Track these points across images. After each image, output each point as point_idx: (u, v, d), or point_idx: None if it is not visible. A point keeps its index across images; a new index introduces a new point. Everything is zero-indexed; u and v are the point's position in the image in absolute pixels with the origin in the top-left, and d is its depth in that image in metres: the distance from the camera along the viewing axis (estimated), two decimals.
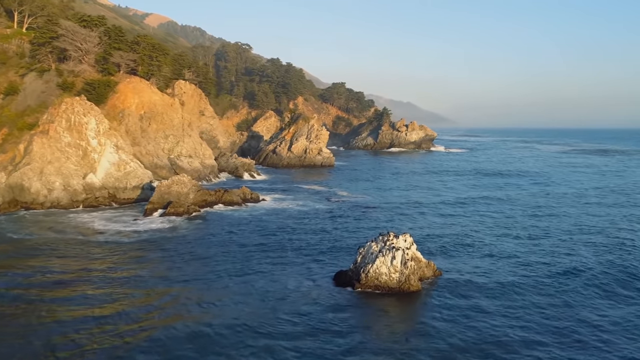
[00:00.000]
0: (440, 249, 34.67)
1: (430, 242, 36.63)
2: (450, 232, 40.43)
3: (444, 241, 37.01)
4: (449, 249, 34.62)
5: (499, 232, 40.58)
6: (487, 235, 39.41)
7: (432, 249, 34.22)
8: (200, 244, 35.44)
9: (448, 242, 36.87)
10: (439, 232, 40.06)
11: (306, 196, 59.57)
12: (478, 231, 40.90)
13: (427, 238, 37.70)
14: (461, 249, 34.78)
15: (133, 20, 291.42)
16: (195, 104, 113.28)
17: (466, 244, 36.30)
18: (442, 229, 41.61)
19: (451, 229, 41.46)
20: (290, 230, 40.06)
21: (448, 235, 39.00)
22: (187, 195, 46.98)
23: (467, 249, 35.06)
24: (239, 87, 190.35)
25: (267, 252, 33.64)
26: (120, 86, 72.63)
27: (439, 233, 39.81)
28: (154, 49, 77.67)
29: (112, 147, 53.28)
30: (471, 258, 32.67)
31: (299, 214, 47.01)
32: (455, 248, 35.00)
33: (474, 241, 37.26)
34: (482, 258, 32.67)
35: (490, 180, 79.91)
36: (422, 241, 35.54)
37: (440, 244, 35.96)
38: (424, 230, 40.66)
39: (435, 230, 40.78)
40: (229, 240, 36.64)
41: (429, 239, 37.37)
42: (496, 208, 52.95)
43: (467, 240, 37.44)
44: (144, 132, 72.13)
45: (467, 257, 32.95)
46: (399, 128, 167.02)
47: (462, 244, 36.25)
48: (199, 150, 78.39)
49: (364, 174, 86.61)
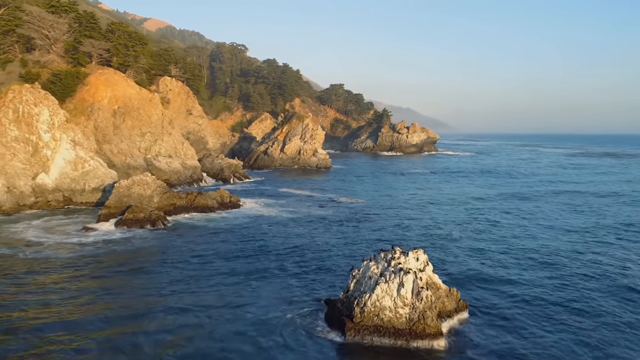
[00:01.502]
0: (460, 267, 27.02)
1: (445, 257, 29.02)
2: (470, 243, 32.82)
3: (463, 256, 29.38)
4: (471, 267, 26.97)
5: (533, 243, 32.98)
6: (518, 246, 31.82)
7: (449, 268, 26.59)
8: (152, 262, 27.80)
9: (469, 257, 29.24)
10: (456, 244, 32.43)
11: (297, 201, 52.03)
12: (506, 242, 33.31)
13: (441, 252, 30.09)
14: (488, 267, 27.14)
15: (131, 25, 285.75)
16: (182, 102, 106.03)
17: (494, 259, 28.68)
18: (460, 240, 33.97)
19: (471, 240, 33.83)
20: (272, 243, 32.42)
21: (468, 248, 31.39)
22: (150, 198, 39.40)
23: (496, 266, 27.42)
24: (233, 88, 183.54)
25: (237, 272, 25.98)
26: (91, 78, 65.28)
27: (456, 245, 32.18)
28: (131, 37, 70.32)
29: (69, 142, 45.76)
30: (503, 278, 25.05)
31: (285, 223, 39.37)
32: (481, 265, 27.36)
33: (502, 255, 29.67)
34: (517, 279, 25.04)
35: (504, 180, 72.28)
36: (435, 257, 27.92)
37: (459, 260, 28.32)
38: (436, 242, 33.05)
39: (451, 242, 33.13)
40: (191, 256, 29.00)
41: (444, 253, 29.75)
42: (521, 211, 45.38)
43: (495, 254, 29.82)
44: (116, 128, 64.66)
45: (497, 277, 25.32)
46: (399, 130, 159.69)
47: (488, 259, 28.63)
48: (180, 150, 70.84)
49: (363, 177, 79.01)
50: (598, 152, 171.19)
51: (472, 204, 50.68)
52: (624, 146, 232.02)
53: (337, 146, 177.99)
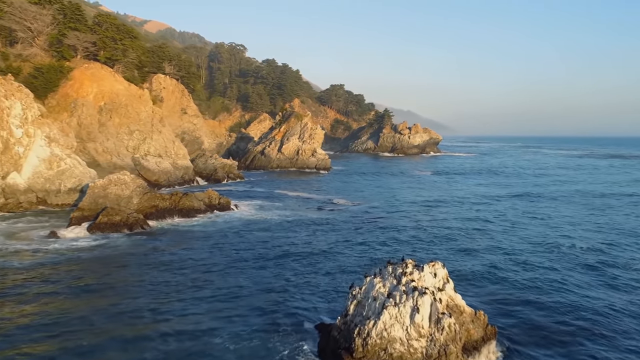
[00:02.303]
0: (481, 279, 23.05)
1: (460, 266, 25.08)
2: (487, 249, 28.87)
3: (482, 265, 25.44)
4: (495, 279, 23.00)
5: (563, 249, 29.03)
6: (545, 252, 27.88)
7: (469, 280, 22.63)
8: (118, 275, 23.88)
9: (488, 266, 25.29)
10: (472, 250, 28.48)
11: (293, 203, 48.11)
12: (529, 245, 29.37)
13: (457, 261, 26.15)
14: (514, 279, 23.16)
15: (139, 33, 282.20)
16: (176, 100, 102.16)
17: (518, 270, 24.72)
18: (475, 245, 30.02)
19: (489, 245, 29.88)
20: (262, 252, 28.44)
21: (486, 255, 27.45)
22: (128, 199, 35.49)
23: (523, 277, 23.46)
24: (232, 89, 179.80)
25: (216, 287, 22.03)
26: (76, 72, 61.54)
27: (471, 251, 28.24)
28: (119, 30, 66.55)
29: (43, 139, 41.90)
30: (530, 288, 21.13)
31: (279, 228, 35.41)
32: (504, 277, 23.35)
33: (528, 263, 25.72)
34: (553, 289, 21.12)
35: (513, 181, 68.29)
36: (448, 267, 23.98)
37: (479, 271, 24.37)
38: (450, 248, 29.11)
39: (466, 248, 29.17)
40: (167, 268, 25.08)
41: (461, 263, 25.80)
42: (543, 213, 41.44)
43: (519, 264, 25.86)
44: (102, 126, 60.85)
45: (527, 291, 21.38)
46: (401, 131, 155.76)
47: (510, 270, 24.66)
48: (171, 149, 66.99)
49: (364, 178, 75.09)
50: (604, 153, 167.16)
51: (483, 205, 46.74)
52: (628, 148, 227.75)
53: (338, 147, 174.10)
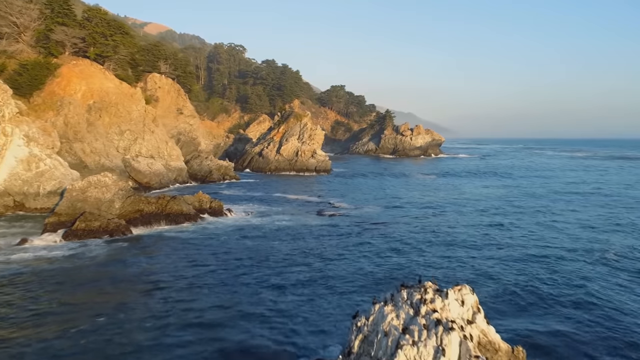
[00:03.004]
0: (507, 298, 19.86)
1: (482, 283, 21.96)
2: (510, 261, 25.75)
3: (506, 279, 22.31)
4: (523, 297, 19.82)
5: (597, 255, 25.91)
6: (578, 260, 24.77)
7: (492, 298, 19.50)
8: (85, 292, 20.80)
9: (513, 280, 22.16)
10: (494, 264, 25.33)
11: (291, 208, 45.01)
12: (560, 255, 26.25)
13: (478, 276, 23.03)
14: (547, 296, 20.03)
15: (133, 30, 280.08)
16: (172, 100, 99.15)
17: (550, 284, 21.60)
18: (497, 256, 26.88)
19: (513, 256, 26.75)
20: (252, 266, 25.27)
21: (509, 267, 24.32)
22: (110, 203, 32.43)
23: (557, 294, 20.34)
24: (231, 90, 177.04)
25: (192, 312, 18.89)
26: (63, 69, 58.57)
27: (493, 264, 25.09)
28: (109, 26, 63.61)
29: (22, 138, 38.90)
30: (574, 316, 18.04)
31: (274, 237, 32.22)
32: (535, 293, 20.18)
33: (561, 275, 22.61)
34: (596, 315, 18.04)
35: (525, 182, 65.08)
36: (468, 282, 20.83)
37: (503, 287, 21.21)
38: (465, 259, 25.98)
39: (487, 260, 26.02)
40: (142, 284, 22.02)
41: (482, 279, 22.67)
42: (562, 215, 38.34)
43: (549, 275, 22.75)
44: (91, 125, 57.86)
45: (566, 312, 18.29)
46: (403, 132, 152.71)
47: (540, 284, 21.52)
48: (164, 150, 64.01)
49: (366, 180, 72.04)
50: (607, 155, 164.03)
51: (495, 209, 43.62)
52: (630, 150, 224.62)
53: (338, 149, 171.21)
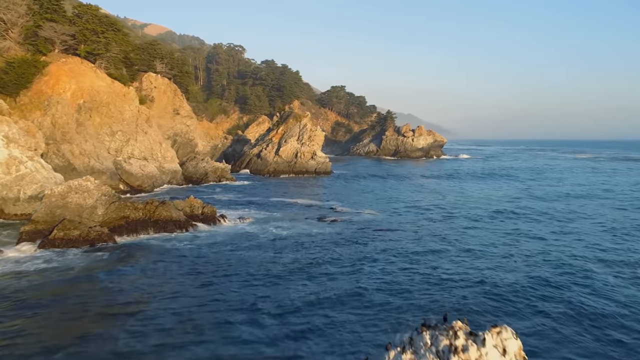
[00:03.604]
0: (546, 328, 17.12)
1: (521, 316, 19.27)
2: (543, 283, 23.04)
3: (549, 311, 19.61)
4: (565, 326, 17.09)
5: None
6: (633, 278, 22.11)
7: (527, 329, 16.78)
8: (49, 314, 18.16)
9: (557, 312, 19.44)
10: (524, 280, 22.55)
11: (290, 213, 42.31)
12: (606, 272, 23.59)
13: (506, 301, 20.33)
14: (599, 323, 17.33)
15: (132, 30, 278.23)
16: (168, 101, 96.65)
17: (600, 308, 18.92)
18: (527, 269, 24.17)
19: (545, 277, 24.03)
20: (241, 285, 22.43)
21: (547, 293, 21.62)
22: (92, 209, 29.79)
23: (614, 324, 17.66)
24: (230, 90, 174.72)
25: (166, 347, 16.30)
26: (52, 67, 56.04)
27: (524, 282, 22.27)
28: (101, 22, 61.06)
29: (1, 139, 36.28)
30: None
31: (270, 247, 29.25)
32: (582, 322, 17.47)
33: (611, 292, 19.96)
34: None
35: (536, 184, 62.37)
36: (505, 315, 18.18)
37: (543, 321, 18.47)
38: (489, 275, 23.28)
39: (517, 280, 23.09)
40: (117, 306, 19.37)
41: (512, 304, 19.95)
42: (588, 222, 35.67)
43: (597, 295, 20.08)
44: (80, 126, 55.29)
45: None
46: (404, 133, 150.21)
47: (588, 309, 18.82)
48: (157, 152, 61.42)
49: (368, 183, 69.41)
50: (612, 156, 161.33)
51: (509, 212, 40.92)
52: (633, 151, 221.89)
53: (338, 150, 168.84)
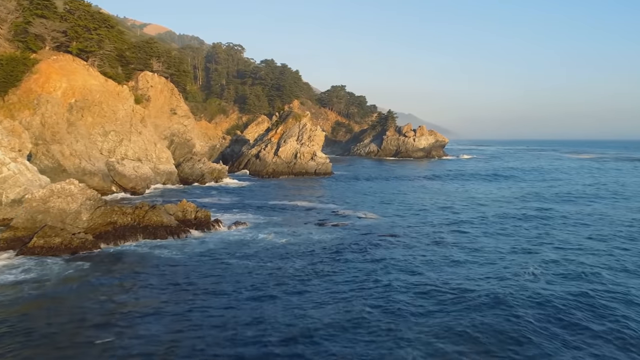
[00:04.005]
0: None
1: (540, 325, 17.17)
2: (567, 289, 20.98)
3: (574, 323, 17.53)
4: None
5: None
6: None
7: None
8: (10, 337, 16.11)
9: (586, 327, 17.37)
10: (546, 293, 20.53)
11: (289, 218, 40.20)
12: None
13: (539, 334, 18.24)
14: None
15: (131, 30, 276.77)
16: (165, 100, 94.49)
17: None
18: (547, 280, 22.11)
19: (565, 283, 21.99)
20: (231, 300, 20.40)
21: (569, 299, 19.56)
22: (76, 215, 27.71)
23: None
24: (229, 90, 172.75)
25: None
26: (42, 65, 54.00)
27: (547, 295, 20.26)
28: (93, 18, 59.00)
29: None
30: None
31: (267, 256, 26.91)
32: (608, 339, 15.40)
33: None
34: None
35: (545, 184, 60.23)
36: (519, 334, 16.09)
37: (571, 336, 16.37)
38: (517, 291, 21.19)
39: (554, 295, 20.89)
40: (88, 327, 17.31)
41: (549, 341, 17.85)
42: (606, 226, 33.61)
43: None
44: (72, 126, 53.26)
45: None
46: (405, 133, 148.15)
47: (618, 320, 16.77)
48: (152, 152, 59.35)
49: (369, 184, 67.34)
50: (616, 156, 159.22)
51: (521, 217, 38.84)
52: (635, 151, 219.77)
53: (339, 151, 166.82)
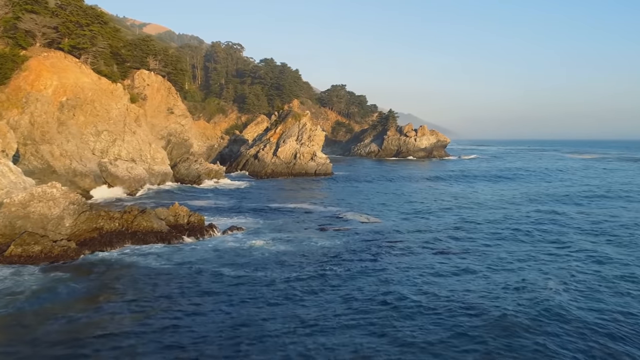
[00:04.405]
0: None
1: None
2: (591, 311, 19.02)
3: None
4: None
5: None
6: None
7: None
8: None
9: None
10: (574, 314, 18.56)
11: (289, 221, 38.19)
12: None
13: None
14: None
15: (130, 30, 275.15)
16: (162, 99, 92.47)
17: None
18: (571, 297, 20.16)
19: (588, 302, 20.03)
20: (217, 323, 18.42)
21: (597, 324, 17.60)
22: (58, 220, 25.75)
23: None
24: (228, 89, 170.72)
25: None
26: (32, 62, 52.06)
27: (575, 318, 18.31)
28: (86, 14, 57.01)
29: None
30: None
31: (264, 266, 24.78)
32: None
33: None
34: None
35: (552, 185, 58.13)
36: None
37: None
38: (538, 310, 19.23)
39: (582, 318, 18.98)
40: (57, 349, 15.36)
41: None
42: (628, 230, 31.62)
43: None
44: (62, 125, 51.32)
45: None
46: (407, 133, 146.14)
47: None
48: (146, 153, 57.39)
49: (372, 185, 65.36)
50: (620, 157, 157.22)
51: (534, 220, 36.85)
52: (637, 151, 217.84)
53: (339, 151, 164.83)
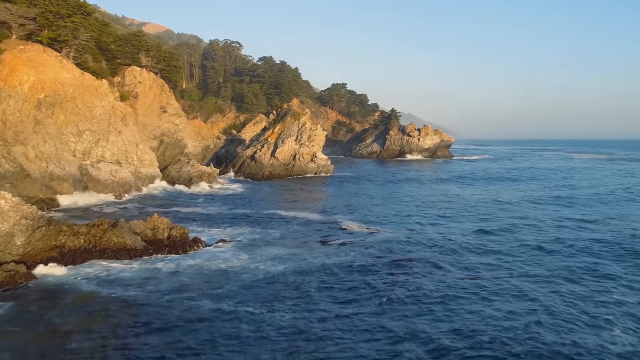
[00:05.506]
0: None
1: None
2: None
3: None
4: None
5: None
6: None
7: None
8: None
9: None
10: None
11: (287, 233, 33.76)
12: None
13: None
14: None
15: (129, 29, 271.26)
16: (154, 97, 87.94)
17: None
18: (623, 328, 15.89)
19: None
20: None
21: None
22: (8, 239, 21.41)
23: None
24: (226, 88, 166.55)
25: None
26: (7, 56, 47.74)
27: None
28: (67, 4, 52.66)
29: None
30: None
31: (252, 298, 20.24)
32: None
33: None
34: None
35: (569, 187, 53.76)
36: None
37: None
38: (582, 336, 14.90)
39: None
40: None
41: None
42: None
43: None
44: (39, 124, 47.00)
45: None
46: (410, 133, 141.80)
47: None
48: (133, 154, 53.08)
49: (376, 189, 60.99)
50: (627, 157, 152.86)
51: (569, 229, 32.51)
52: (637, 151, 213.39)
53: (340, 151, 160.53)
